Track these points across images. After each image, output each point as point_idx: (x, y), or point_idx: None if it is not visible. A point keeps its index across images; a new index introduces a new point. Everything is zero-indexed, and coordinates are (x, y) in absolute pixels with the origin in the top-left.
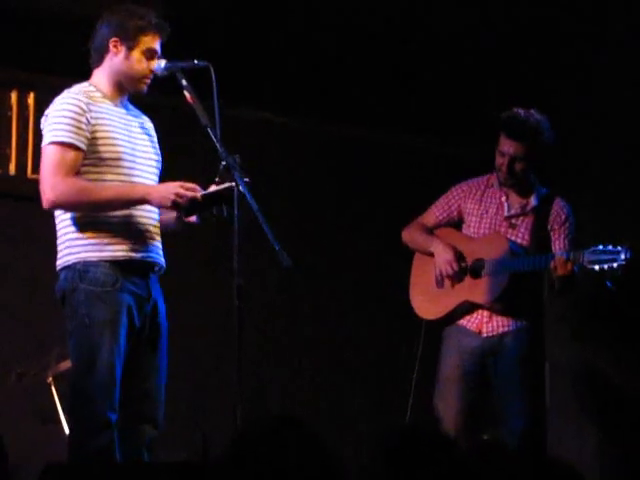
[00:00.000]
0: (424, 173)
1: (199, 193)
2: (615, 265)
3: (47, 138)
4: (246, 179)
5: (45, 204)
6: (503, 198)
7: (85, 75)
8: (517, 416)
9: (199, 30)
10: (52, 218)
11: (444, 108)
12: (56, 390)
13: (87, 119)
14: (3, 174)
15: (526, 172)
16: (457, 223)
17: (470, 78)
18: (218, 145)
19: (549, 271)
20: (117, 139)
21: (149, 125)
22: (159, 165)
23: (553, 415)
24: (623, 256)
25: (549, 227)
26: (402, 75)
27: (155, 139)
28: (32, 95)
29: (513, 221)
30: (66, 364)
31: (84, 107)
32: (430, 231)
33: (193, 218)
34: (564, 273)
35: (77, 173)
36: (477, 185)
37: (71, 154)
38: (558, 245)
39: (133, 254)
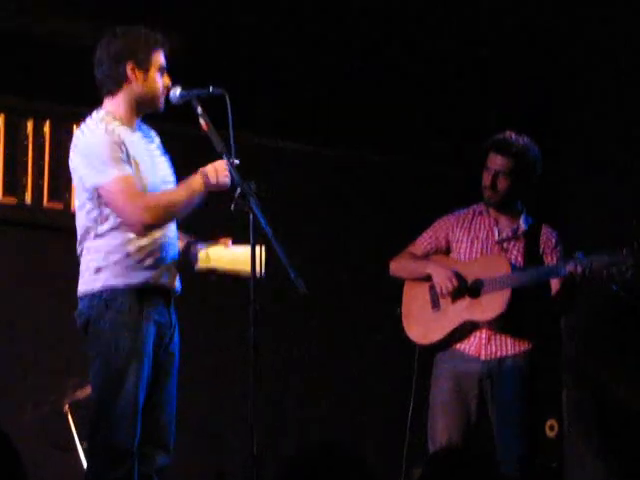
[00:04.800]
0: (439, 197)
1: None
2: (623, 268)
3: (100, 178)
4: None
5: (142, 230)
6: (493, 223)
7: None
8: (514, 444)
9: (213, 58)
10: (71, 245)
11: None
12: (73, 419)
13: (124, 151)
14: (19, 203)
15: (509, 191)
16: (444, 253)
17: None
18: (233, 172)
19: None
20: (143, 170)
21: (158, 140)
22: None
23: (570, 443)
24: (631, 258)
25: (541, 251)
26: (407, 101)
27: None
28: (48, 124)
29: (505, 245)
30: (83, 392)
31: (117, 140)
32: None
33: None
34: (578, 277)
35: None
36: (464, 215)
37: (130, 179)
38: None
39: (159, 280)
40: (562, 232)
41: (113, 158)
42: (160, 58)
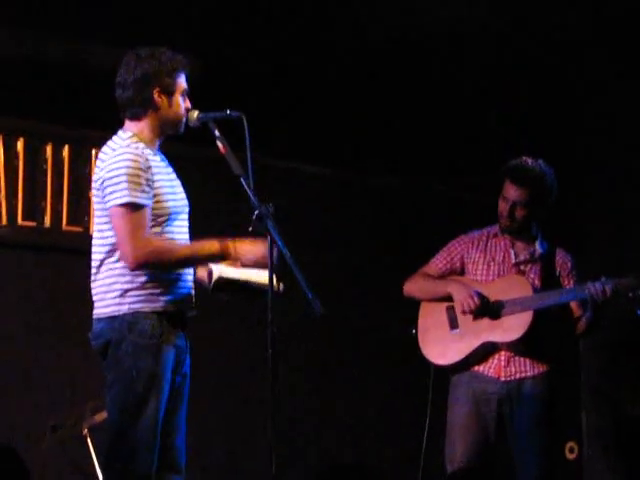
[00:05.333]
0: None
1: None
2: None
3: (117, 200)
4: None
5: (131, 266)
6: (509, 245)
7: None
8: (533, 466)
9: (231, 80)
10: (88, 267)
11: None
12: (91, 442)
13: (150, 177)
14: (38, 226)
15: (527, 219)
16: (459, 274)
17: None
18: (251, 194)
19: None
20: (167, 194)
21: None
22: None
23: (590, 465)
24: None
25: (557, 274)
26: (433, 125)
27: None
28: (67, 148)
29: (522, 267)
30: (101, 416)
31: (145, 164)
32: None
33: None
34: (603, 299)
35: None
36: (479, 236)
37: (141, 213)
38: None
39: (181, 306)
40: (574, 254)
41: (134, 183)
42: (183, 81)
